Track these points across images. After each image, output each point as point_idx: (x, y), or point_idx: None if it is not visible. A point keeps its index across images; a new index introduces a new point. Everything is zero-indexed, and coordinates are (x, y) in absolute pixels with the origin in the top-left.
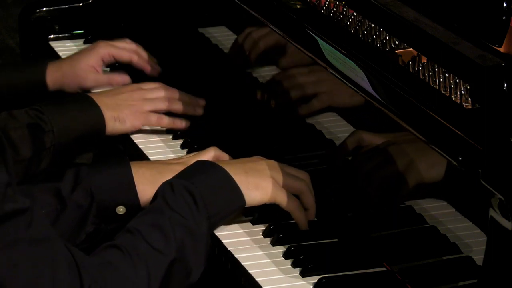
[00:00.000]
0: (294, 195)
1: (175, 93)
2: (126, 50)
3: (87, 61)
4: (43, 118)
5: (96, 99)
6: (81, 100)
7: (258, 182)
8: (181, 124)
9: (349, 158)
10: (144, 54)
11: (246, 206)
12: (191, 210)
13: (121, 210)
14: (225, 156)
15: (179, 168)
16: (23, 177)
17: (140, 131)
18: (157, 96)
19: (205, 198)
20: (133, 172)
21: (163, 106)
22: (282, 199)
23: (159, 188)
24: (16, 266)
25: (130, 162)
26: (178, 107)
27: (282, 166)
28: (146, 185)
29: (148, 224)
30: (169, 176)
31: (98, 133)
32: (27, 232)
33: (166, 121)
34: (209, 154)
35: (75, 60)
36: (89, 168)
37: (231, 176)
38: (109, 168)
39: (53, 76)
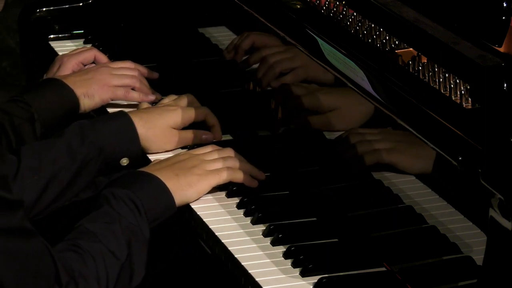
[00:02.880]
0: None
1: (140, 70)
2: (86, 52)
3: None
4: (31, 109)
5: (65, 80)
6: (53, 84)
7: (190, 181)
8: (148, 98)
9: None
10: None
11: (180, 205)
12: (135, 216)
13: (124, 161)
14: (202, 110)
15: (172, 108)
16: None
17: None
18: (123, 72)
19: (144, 205)
20: (140, 119)
21: (129, 81)
22: (216, 181)
23: (101, 194)
24: (3, 253)
25: (135, 111)
26: (142, 85)
27: (203, 150)
28: (155, 129)
29: (101, 227)
30: (169, 117)
31: (73, 112)
32: (16, 222)
33: (134, 95)
34: (188, 98)
35: None
36: (92, 123)
37: (164, 183)
38: (112, 123)
39: None
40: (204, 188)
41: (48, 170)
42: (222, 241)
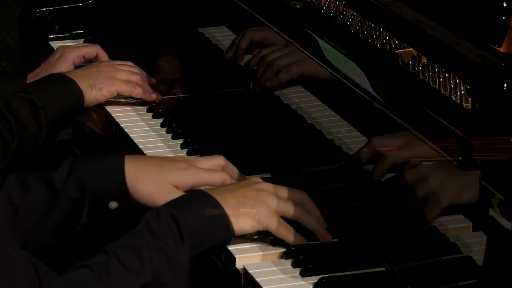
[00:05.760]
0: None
1: (141, 70)
2: (89, 47)
3: (60, 70)
4: (33, 97)
5: (69, 74)
6: (56, 78)
7: (250, 210)
8: (151, 96)
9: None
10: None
11: (236, 235)
12: (174, 238)
13: (113, 205)
14: (231, 167)
15: (182, 166)
16: (31, 153)
17: (138, 130)
18: (126, 68)
19: (190, 227)
20: (134, 166)
21: (133, 77)
22: (275, 226)
23: (146, 214)
24: None
25: (133, 156)
26: (144, 83)
27: (277, 190)
28: (147, 180)
29: (125, 246)
30: (171, 173)
31: (78, 104)
32: None
33: (139, 91)
34: (216, 161)
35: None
36: (84, 159)
37: (221, 205)
38: (102, 161)
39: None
40: (261, 226)
41: (25, 203)
42: None
